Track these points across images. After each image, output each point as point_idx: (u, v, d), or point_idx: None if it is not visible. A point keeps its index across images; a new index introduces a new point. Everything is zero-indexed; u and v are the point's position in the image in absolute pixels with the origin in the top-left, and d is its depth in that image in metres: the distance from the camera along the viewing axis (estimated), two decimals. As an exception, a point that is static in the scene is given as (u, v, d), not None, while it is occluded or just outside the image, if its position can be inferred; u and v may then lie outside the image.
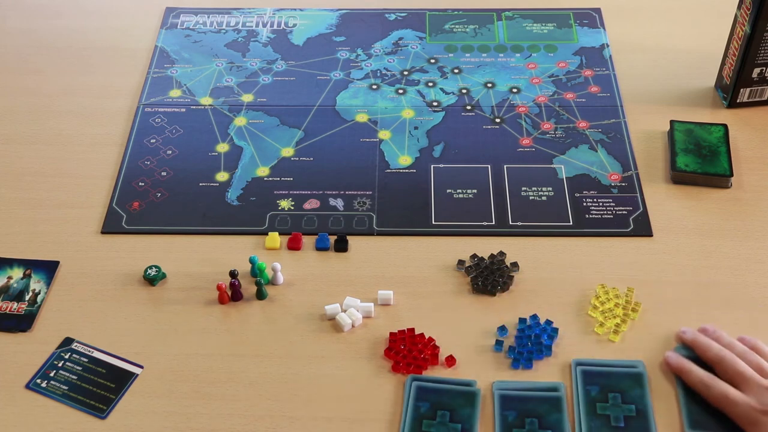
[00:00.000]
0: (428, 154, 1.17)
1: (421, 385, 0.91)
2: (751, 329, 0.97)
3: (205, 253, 1.06)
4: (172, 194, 1.13)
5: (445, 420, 0.88)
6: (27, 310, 1.00)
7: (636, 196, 1.11)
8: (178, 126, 1.22)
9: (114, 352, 0.96)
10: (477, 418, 0.88)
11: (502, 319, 0.98)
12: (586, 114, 1.22)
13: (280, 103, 1.25)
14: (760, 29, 1.14)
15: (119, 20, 1.40)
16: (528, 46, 1.34)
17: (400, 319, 0.99)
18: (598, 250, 1.05)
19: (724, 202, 1.10)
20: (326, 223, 1.09)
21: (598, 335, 0.96)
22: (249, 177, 1.15)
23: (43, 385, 0.93)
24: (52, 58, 1.34)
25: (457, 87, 1.27)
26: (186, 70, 1.31)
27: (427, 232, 1.08)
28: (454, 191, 1.13)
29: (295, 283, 1.03)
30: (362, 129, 1.21)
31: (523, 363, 0.94)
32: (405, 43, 1.35)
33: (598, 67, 1.30)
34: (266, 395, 0.92)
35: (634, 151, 1.17)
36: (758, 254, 1.04)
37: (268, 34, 1.37)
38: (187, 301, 1.01)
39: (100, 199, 1.13)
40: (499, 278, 1.01)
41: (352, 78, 1.29)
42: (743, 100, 1.22)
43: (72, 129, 1.22)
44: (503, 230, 1.08)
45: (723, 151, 1.14)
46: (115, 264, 1.05)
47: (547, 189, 1.13)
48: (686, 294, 1.00)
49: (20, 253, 1.06)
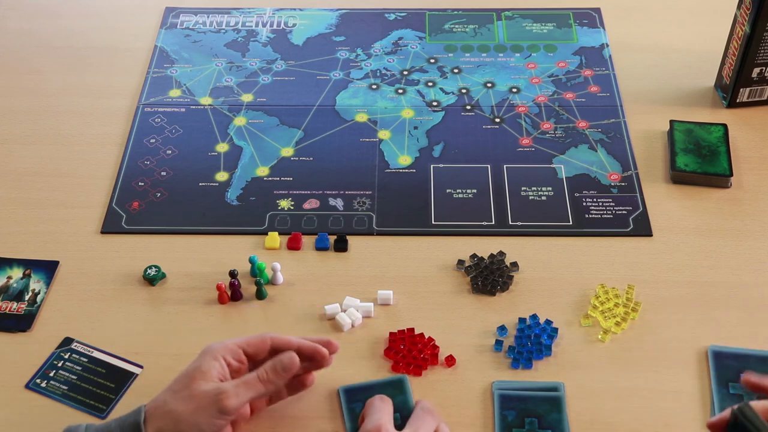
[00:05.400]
0: (428, 154, 1.17)
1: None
2: (750, 329, 0.97)
3: (204, 253, 1.06)
4: (172, 194, 1.13)
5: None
6: (27, 310, 1.00)
7: (636, 196, 1.11)
8: (177, 126, 1.22)
9: (114, 352, 0.96)
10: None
11: (502, 319, 0.98)
12: (585, 114, 1.22)
13: (279, 103, 1.25)
14: (759, 29, 1.14)
15: (119, 20, 1.40)
16: (528, 46, 1.34)
17: (400, 319, 0.99)
18: (597, 250, 1.05)
19: (724, 202, 1.10)
20: (326, 223, 1.09)
21: (598, 335, 0.96)
22: (249, 177, 1.15)
23: (42, 385, 0.93)
24: (51, 58, 1.34)
25: (456, 87, 1.27)
26: (186, 69, 1.31)
27: (427, 232, 1.08)
28: (454, 191, 1.13)
29: (294, 283, 1.03)
30: (362, 129, 1.21)
31: (523, 363, 0.94)
32: (405, 42, 1.35)
33: (598, 67, 1.30)
34: (266, 395, 0.92)
35: (633, 151, 1.17)
36: (758, 254, 1.04)
37: (267, 34, 1.37)
38: (187, 301, 1.01)
39: (100, 199, 1.13)
40: (499, 278, 1.01)
41: (351, 78, 1.29)
42: (743, 99, 1.22)
43: (72, 129, 1.22)
44: (503, 230, 1.08)
45: (723, 150, 1.14)
46: (115, 264, 1.05)
47: (546, 189, 1.13)
48: (686, 294, 1.00)
49: (20, 253, 1.06)
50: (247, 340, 0.85)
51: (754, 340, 0.96)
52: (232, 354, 0.84)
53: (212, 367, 0.82)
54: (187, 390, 0.80)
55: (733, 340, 0.95)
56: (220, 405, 0.80)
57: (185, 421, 0.79)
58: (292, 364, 0.84)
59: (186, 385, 0.81)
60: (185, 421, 0.79)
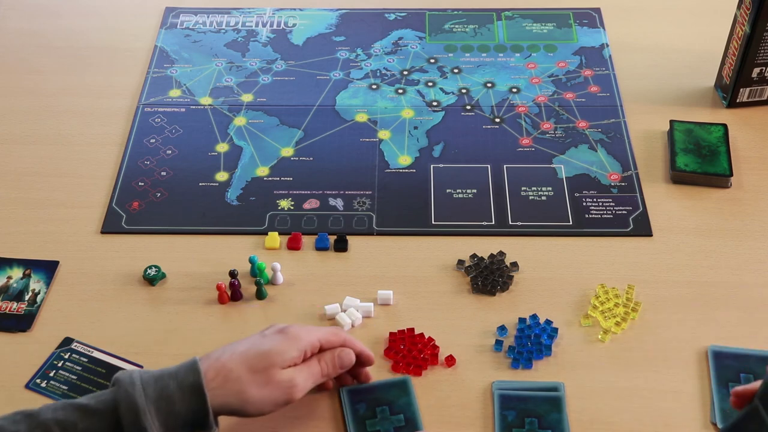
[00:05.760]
0: (428, 154, 1.17)
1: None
2: (750, 329, 0.97)
3: (204, 253, 1.06)
4: (172, 194, 1.13)
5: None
6: (27, 310, 1.00)
7: (636, 196, 1.11)
8: (177, 126, 1.22)
9: (114, 352, 0.96)
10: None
11: (502, 318, 0.98)
12: (585, 114, 1.22)
13: (279, 103, 1.25)
14: (759, 29, 1.14)
15: (119, 20, 1.40)
16: (528, 46, 1.34)
17: (400, 318, 0.99)
18: (597, 250, 1.05)
19: (724, 202, 1.10)
20: (326, 223, 1.09)
21: (598, 335, 0.96)
22: (249, 177, 1.15)
23: (42, 385, 0.93)
24: (51, 58, 1.34)
25: (456, 87, 1.27)
26: (186, 69, 1.31)
27: (427, 232, 1.08)
28: (454, 191, 1.13)
29: (294, 283, 1.03)
30: (362, 129, 1.21)
31: (523, 363, 0.94)
32: (405, 42, 1.35)
33: (598, 67, 1.30)
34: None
35: (633, 151, 1.17)
36: (758, 254, 1.04)
37: (267, 34, 1.37)
38: (187, 301, 1.01)
39: (100, 199, 1.13)
40: (499, 278, 1.01)
41: (351, 78, 1.29)
42: (743, 99, 1.22)
43: (72, 129, 1.22)
44: (503, 230, 1.08)
45: (723, 150, 1.14)
46: (115, 264, 1.05)
47: (546, 189, 1.13)
48: (686, 294, 1.00)
49: (20, 252, 1.06)
50: (327, 338, 0.87)
51: (754, 340, 0.96)
52: (312, 349, 0.85)
53: (293, 357, 0.83)
54: (265, 374, 0.81)
55: (733, 340, 0.95)
56: (290, 396, 0.82)
57: (254, 404, 0.80)
58: (350, 361, 0.87)
59: (265, 368, 0.81)
60: (254, 404, 0.80)
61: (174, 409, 0.77)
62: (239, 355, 0.81)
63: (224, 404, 0.79)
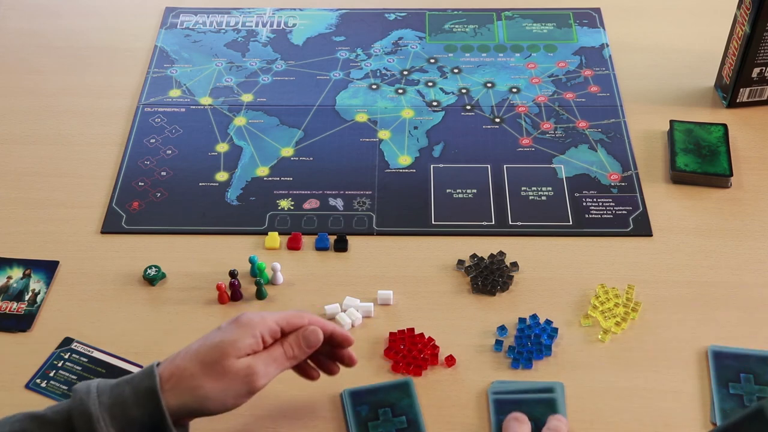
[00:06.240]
0: (428, 154, 1.17)
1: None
2: (750, 329, 0.97)
3: (204, 253, 1.06)
4: (172, 194, 1.13)
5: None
6: (26, 310, 1.00)
7: (636, 196, 1.11)
8: (177, 126, 1.22)
9: (114, 352, 0.96)
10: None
11: (502, 319, 0.98)
12: (585, 114, 1.22)
13: (279, 103, 1.25)
14: (759, 29, 1.14)
15: (119, 20, 1.40)
16: (528, 46, 1.34)
17: (400, 319, 0.99)
18: (597, 250, 1.05)
19: (724, 202, 1.10)
20: (326, 223, 1.09)
21: (598, 335, 0.96)
22: (249, 177, 1.15)
23: (42, 385, 0.93)
24: (51, 58, 1.34)
25: (456, 87, 1.27)
26: (186, 69, 1.31)
27: (427, 232, 1.08)
28: (454, 191, 1.13)
29: (294, 283, 1.03)
30: (362, 129, 1.21)
31: (523, 363, 0.94)
32: (405, 42, 1.35)
33: (598, 67, 1.30)
34: (267, 395, 0.91)
35: (633, 151, 1.17)
36: (758, 254, 1.04)
37: (267, 34, 1.37)
38: (187, 301, 1.01)
39: (100, 199, 1.13)
40: (499, 278, 1.01)
41: (351, 78, 1.29)
42: (743, 99, 1.22)
43: (71, 129, 1.22)
44: (503, 230, 1.08)
45: (723, 150, 1.14)
46: (115, 264, 1.05)
47: (546, 189, 1.13)
48: (686, 294, 1.00)
49: (20, 252, 1.06)
50: (287, 319, 0.82)
51: (754, 340, 0.96)
52: (271, 333, 0.80)
53: (248, 344, 0.78)
54: (218, 366, 0.77)
55: (733, 340, 0.95)
56: (251, 385, 0.78)
57: (213, 399, 0.77)
58: (317, 340, 0.82)
59: (217, 359, 0.77)
60: (213, 399, 0.77)
61: (129, 415, 0.75)
62: (193, 352, 0.78)
63: (182, 405, 0.76)
